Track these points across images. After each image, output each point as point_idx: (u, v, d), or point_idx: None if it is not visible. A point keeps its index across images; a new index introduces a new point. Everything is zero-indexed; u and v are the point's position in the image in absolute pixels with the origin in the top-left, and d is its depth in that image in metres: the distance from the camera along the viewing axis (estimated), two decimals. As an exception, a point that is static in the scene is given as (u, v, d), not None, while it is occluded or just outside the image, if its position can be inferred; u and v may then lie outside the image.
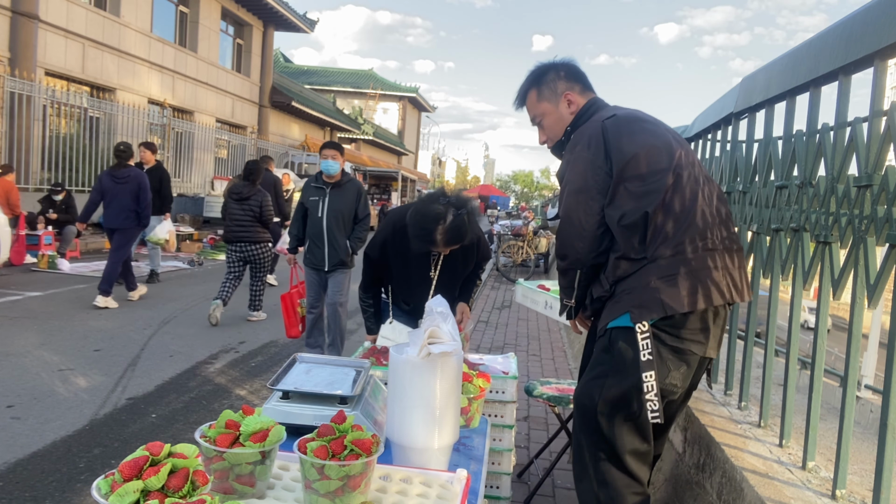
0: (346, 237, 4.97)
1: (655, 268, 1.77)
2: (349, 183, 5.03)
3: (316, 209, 4.92)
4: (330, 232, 4.89)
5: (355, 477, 1.17)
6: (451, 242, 2.50)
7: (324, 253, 4.92)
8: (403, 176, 30.10)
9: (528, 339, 6.95)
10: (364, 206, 5.06)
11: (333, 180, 4.95)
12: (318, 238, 4.92)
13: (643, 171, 1.80)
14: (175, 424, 3.81)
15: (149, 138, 15.94)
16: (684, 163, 1.84)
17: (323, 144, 5.02)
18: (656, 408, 1.72)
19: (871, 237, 1.76)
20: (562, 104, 2.09)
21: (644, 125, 1.91)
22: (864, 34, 1.79)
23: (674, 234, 1.78)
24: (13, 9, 12.02)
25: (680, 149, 1.87)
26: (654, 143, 1.84)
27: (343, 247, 4.93)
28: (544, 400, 3.04)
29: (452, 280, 2.81)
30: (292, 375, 1.82)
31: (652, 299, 1.74)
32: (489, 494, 2.26)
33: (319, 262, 4.95)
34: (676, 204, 1.79)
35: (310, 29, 23.69)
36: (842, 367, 2.24)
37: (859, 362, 2.04)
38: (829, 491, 1.89)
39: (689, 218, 1.80)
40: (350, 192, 4.99)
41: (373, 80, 40.38)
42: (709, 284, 1.77)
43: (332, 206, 4.91)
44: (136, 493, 0.95)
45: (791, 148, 2.28)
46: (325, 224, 4.89)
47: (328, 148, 4.95)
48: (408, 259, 2.73)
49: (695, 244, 1.78)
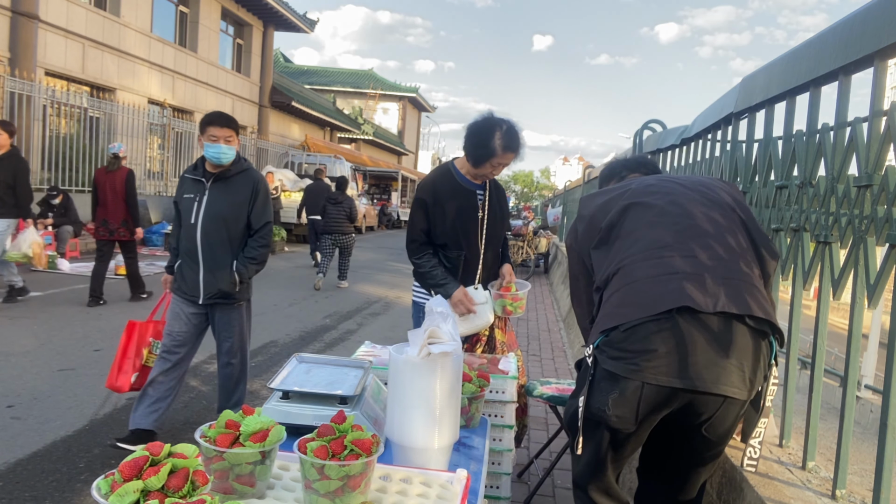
0: (233, 256, 3.33)
1: (607, 292, 1.72)
2: (242, 175, 3.35)
3: (189, 212, 3.29)
4: (207, 247, 3.27)
5: (355, 477, 1.17)
6: (507, 149, 2.71)
7: (197, 277, 3.30)
8: (403, 176, 30.11)
9: (528, 339, 6.95)
10: (262, 210, 3.38)
11: (219, 170, 3.31)
12: (190, 255, 3.31)
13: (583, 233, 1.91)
14: (175, 424, 3.81)
15: (149, 138, 15.95)
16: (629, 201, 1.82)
17: (208, 118, 3.29)
18: (578, 435, 1.67)
19: (871, 237, 1.76)
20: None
21: (585, 203, 1.99)
22: (864, 34, 1.79)
23: (619, 257, 1.72)
24: (13, 9, 12.02)
25: (624, 199, 1.85)
26: (589, 211, 1.92)
27: (226, 270, 3.29)
28: (544, 400, 3.04)
29: (495, 225, 2.94)
30: (292, 375, 1.82)
31: (601, 319, 1.69)
32: (489, 494, 2.26)
33: (191, 290, 3.33)
34: (620, 233, 1.77)
35: (310, 29, 23.70)
36: (842, 367, 2.24)
37: (859, 362, 2.04)
38: (829, 491, 1.89)
39: (631, 240, 1.73)
40: (240, 187, 3.34)
41: (373, 80, 40.38)
42: (654, 292, 1.57)
43: (212, 208, 3.26)
44: (136, 493, 0.95)
45: (791, 148, 2.28)
46: (199, 235, 3.27)
47: (218, 125, 3.23)
48: (457, 200, 2.84)
49: (637, 257, 1.68)
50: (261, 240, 3.38)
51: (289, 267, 11.67)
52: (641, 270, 1.63)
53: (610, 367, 1.59)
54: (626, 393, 1.56)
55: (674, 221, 1.72)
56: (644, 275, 1.62)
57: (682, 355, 1.50)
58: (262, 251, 3.39)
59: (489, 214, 2.91)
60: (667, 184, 1.88)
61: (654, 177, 2.04)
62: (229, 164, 3.30)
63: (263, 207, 3.39)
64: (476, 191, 2.89)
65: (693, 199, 1.78)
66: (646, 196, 1.81)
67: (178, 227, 3.39)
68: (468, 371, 1.91)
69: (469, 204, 2.87)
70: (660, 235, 1.68)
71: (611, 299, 1.67)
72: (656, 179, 1.95)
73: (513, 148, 2.74)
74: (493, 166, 2.77)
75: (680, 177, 1.99)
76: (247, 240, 3.39)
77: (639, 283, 1.61)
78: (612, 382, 1.59)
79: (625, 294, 1.62)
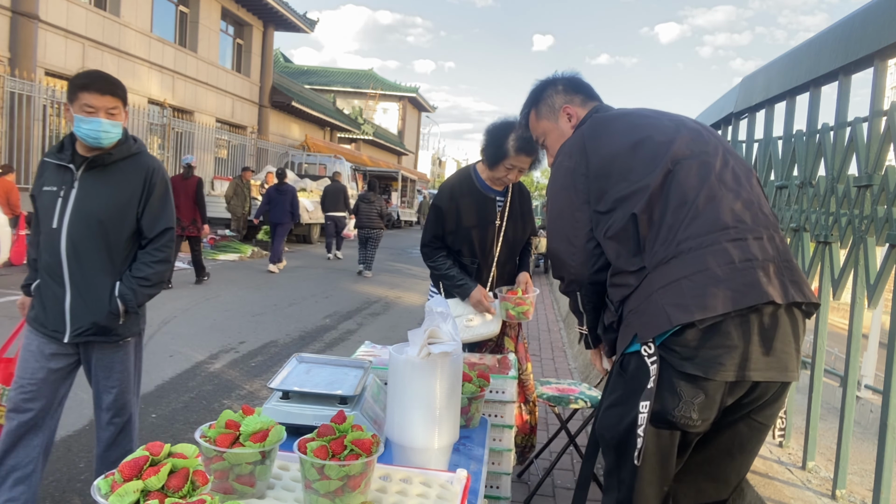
0: (115, 274, 2.34)
1: (657, 275, 1.52)
2: (129, 161, 2.37)
3: (50, 213, 2.31)
4: (75, 261, 2.29)
5: (355, 477, 1.17)
6: (521, 150, 2.64)
7: (62, 305, 2.31)
8: (403, 176, 30.10)
9: (528, 339, 6.95)
10: (160, 211, 2.40)
11: (95, 153, 2.32)
12: (52, 273, 2.32)
13: (626, 171, 1.61)
14: (175, 424, 3.81)
15: (149, 138, 15.94)
16: (689, 150, 1.61)
17: (81, 79, 2.32)
18: (640, 445, 1.47)
19: (871, 237, 1.76)
20: (562, 119, 1.94)
21: (627, 120, 1.73)
22: (864, 34, 1.79)
23: (674, 231, 1.52)
24: (13, 9, 12.02)
25: (682, 135, 1.64)
26: (637, 137, 1.64)
27: (103, 295, 2.31)
28: (544, 400, 3.04)
29: (515, 233, 2.88)
30: (292, 375, 1.82)
31: (656, 312, 1.48)
32: (489, 494, 2.26)
33: (53, 322, 2.33)
34: (674, 197, 1.55)
35: (310, 29, 23.69)
36: (842, 367, 2.24)
37: (859, 362, 2.04)
38: (829, 491, 1.89)
39: (693, 210, 1.52)
40: (127, 177, 2.35)
41: (373, 80, 40.37)
42: (728, 284, 1.45)
43: (83, 207, 2.29)
44: (136, 493, 0.95)
45: (791, 148, 2.28)
46: (64, 244, 2.29)
47: (97, 91, 2.28)
48: (475, 206, 2.78)
49: (703, 238, 1.50)
50: (157, 253, 2.37)
51: (289, 267, 11.67)
52: (712, 257, 1.48)
53: (689, 368, 1.45)
54: (710, 394, 1.46)
55: (727, 190, 1.56)
56: (716, 263, 1.48)
57: (763, 348, 1.46)
58: (158, 269, 2.36)
59: (508, 223, 2.84)
60: (684, 130, 1.66)
61: (654, 116, 1.74)
62: (111, 146, 2.31)
63: (161, 207, 2.39)
64: (496, 197, 2.82)
65: (720, 152, 1.64)
66: (684, 154, 1.60)
67: (38, 233, 2.38)
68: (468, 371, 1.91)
69: (487, 210, 2.81)
70: (720, 212, 1.53)
71: (673, 288, 1.48)
72: (672, 122, 1.69)
73: (527, 150, 2.65)
74: (507, 168, 2.69)
75: (671, 116, 1.76)
76: (136, 252, 2.38)
77: (711, 273, 1.47)
78: (692, 385, 1.46)
79: (697, 285, 1.46)
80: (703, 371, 1.44)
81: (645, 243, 1.55)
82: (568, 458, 3.54)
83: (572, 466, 3.46)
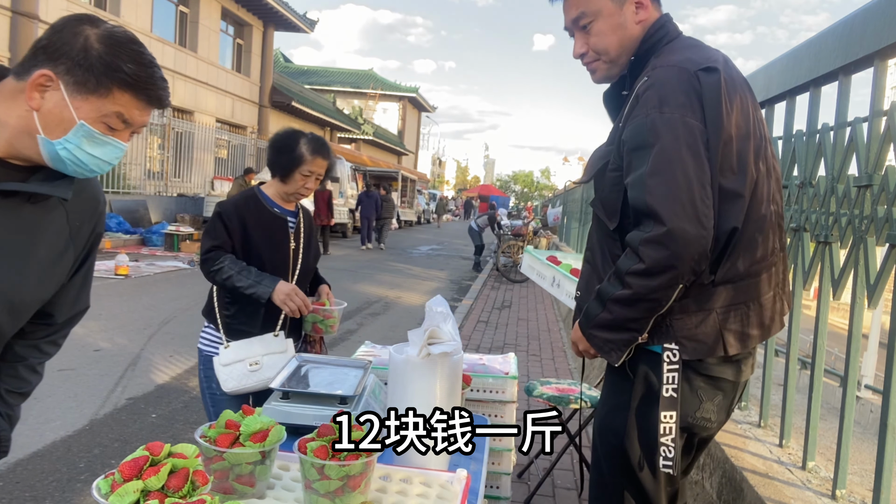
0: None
1: (724, 292, 1.40)
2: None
3: None
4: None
5: (355, 477, 1.17)
6: (317, 153, 2.37)
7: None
8: (403, 176, 30.10)
9: (528, 339, 6.95)
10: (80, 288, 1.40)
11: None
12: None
13: (734, 162, 1.37)
14: (175, 424, 3.81)
15: (149, 138, 15.95)
16: (764, 166, 1.43)
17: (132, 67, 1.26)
18: (670, 455, 1.39)
19: (871, 237, 1.76)
20: (628, 6, 1.50)
21: (744, 93, 1.43)
22: (864, 34, 1.79)
23: (749, 247, 1.40)
24: (13, 9, 12.03)
25: (763, 145, 1.45)
26: (749, 125, 1.40)
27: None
28: (544, 400, 3.04)
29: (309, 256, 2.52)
30: (292, 375, 1.82)
31: (711, 333, 1.39)
32: (489, 494, 2.26)
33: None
34: (758, 207, 1.40)
35: (310, 29, 23.70)
36: (842, 367, 2.24)
37: (859, 362, 2.04)
38: (829, 491, 1.89)
39: (765, 225, 1.42)
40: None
41: (373, 79, 40.37)
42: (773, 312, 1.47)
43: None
44: (136, 493, 0.95)
45: (791, 148, 2.28)
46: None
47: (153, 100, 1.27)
48: (266, 229, 2.41)
49: (760, 264, 1.42)
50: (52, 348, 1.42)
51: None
52: (765, 286, 1.44)
53: (716, 372, 1.43)
54: (728, 394, 1.48)
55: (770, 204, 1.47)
56: (765, 292, 1.45)
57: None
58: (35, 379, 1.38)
59: (303, 244, 2.50)
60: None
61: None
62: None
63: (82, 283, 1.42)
64: (287, 218, 2.46)
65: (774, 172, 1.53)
66: (766, 149, 1.45)
67: None
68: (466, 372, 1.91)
69: (279, 234, 2.44)
70: (771, 237, 1.46)
71: (740, 313, 1.41)
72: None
73: (323, 153, 2.39)
74: (304, 176, 2.37)
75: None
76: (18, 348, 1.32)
77: (763, 302, 1.44)
78: (713, 385, 1.45)
79: (753, 315, 1.42)
80: (730, 374, 1.46)
81: (721, 255, 1.38)
82: (568, 458, 3.54)
83: (572, 466, 3.46)
